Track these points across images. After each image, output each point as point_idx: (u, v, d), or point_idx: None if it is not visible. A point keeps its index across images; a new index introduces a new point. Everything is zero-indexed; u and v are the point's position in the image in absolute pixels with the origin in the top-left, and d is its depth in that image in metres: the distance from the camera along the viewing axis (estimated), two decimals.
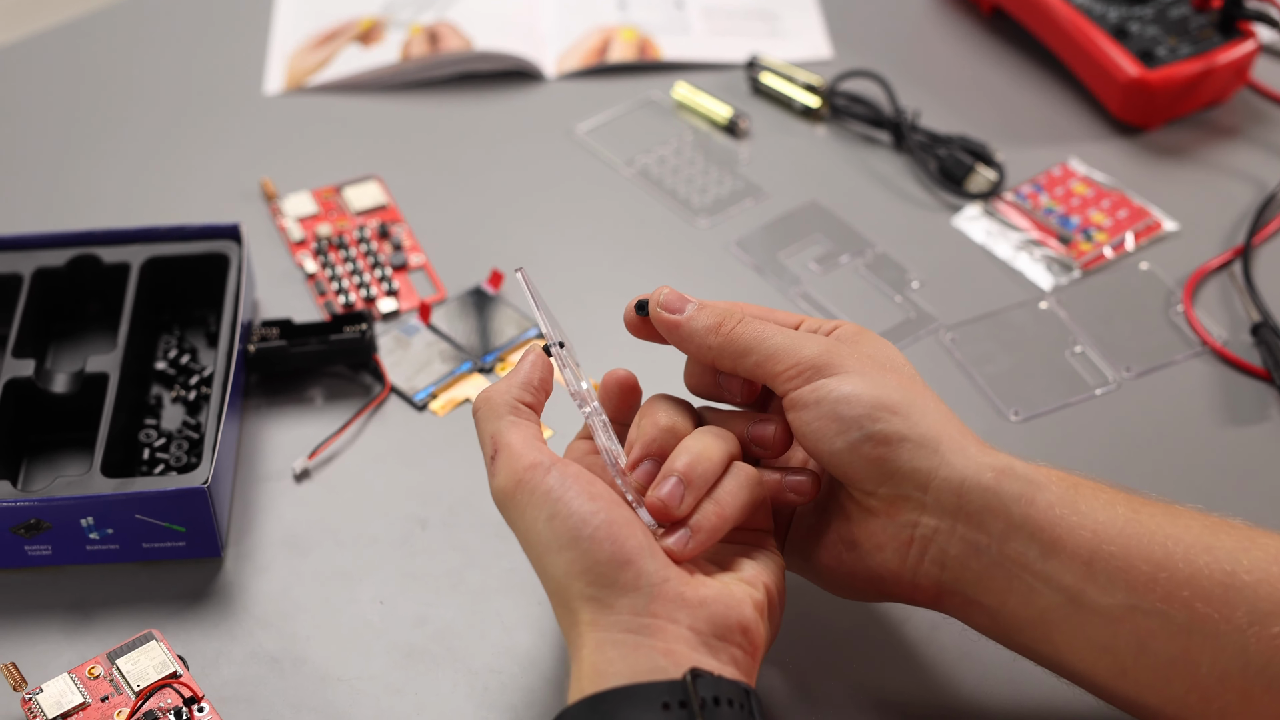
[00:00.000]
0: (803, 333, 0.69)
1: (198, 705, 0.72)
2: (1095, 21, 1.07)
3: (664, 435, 0.69)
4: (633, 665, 0.61)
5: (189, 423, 0.86)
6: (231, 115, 1.11)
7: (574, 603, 0.63)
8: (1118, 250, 0.98)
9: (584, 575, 0.62)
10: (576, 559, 0.62)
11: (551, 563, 0.63)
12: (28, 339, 0.87)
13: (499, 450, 0.66)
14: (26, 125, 1.10)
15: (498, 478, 0.66)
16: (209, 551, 0.80)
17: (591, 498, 0.63)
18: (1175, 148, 1.07)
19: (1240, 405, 0.89)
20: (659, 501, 0.66)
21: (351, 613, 0.78)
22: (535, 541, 0.64)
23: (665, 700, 0.59)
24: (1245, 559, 0.63)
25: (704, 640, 0.62)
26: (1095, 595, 0.63)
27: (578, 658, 0.62)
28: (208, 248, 0.90)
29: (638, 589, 0.62)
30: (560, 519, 0.63)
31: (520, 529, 0.65)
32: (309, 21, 1.19)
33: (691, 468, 0.66)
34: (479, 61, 1.14)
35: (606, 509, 0.63)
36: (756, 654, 0.65)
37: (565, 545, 0.63)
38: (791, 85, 1.10)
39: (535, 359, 0.71)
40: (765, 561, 0.68)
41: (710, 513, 0.66)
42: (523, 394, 0.69)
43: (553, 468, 0.64)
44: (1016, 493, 0.65)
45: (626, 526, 0.63)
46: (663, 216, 1.02)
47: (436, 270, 0.97)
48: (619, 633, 0.62)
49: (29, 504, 0.76)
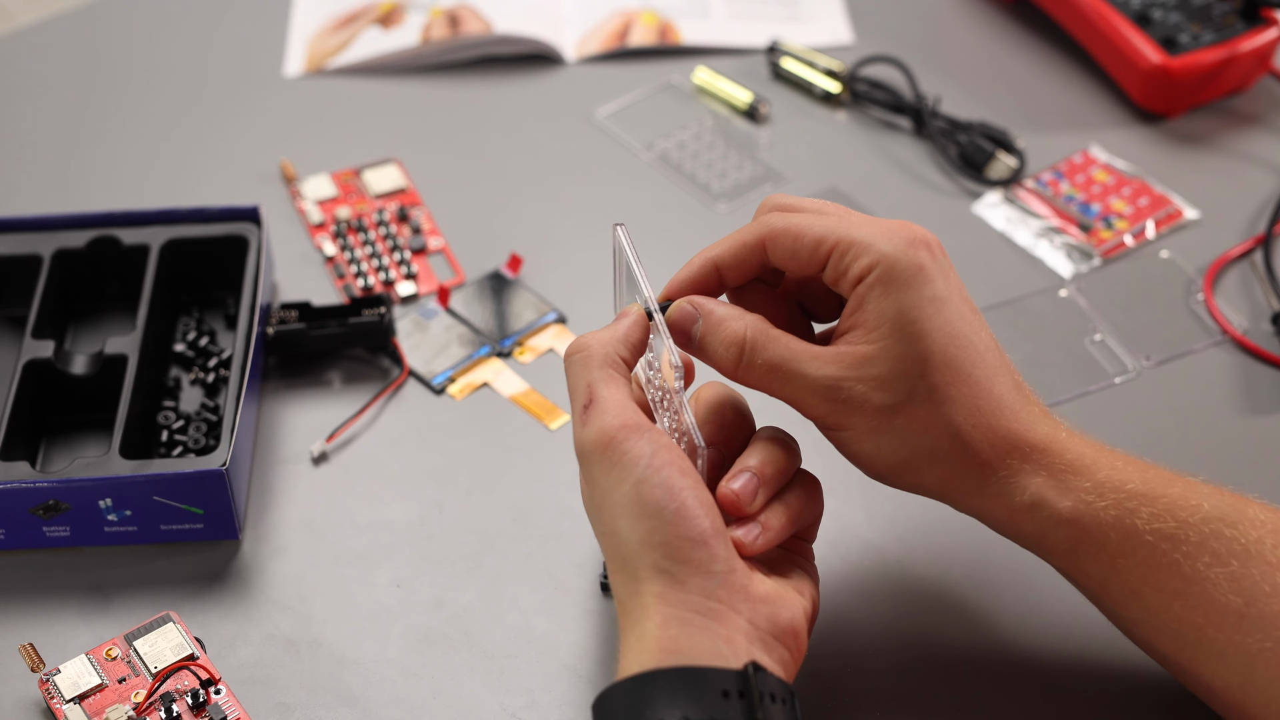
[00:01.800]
0: (820, 359, 0.67)
1: (214, 687, 0.72)
2: (1118, 8, 1.07)
3: (732, 424, 0.70)
4: (698, 646, 0.61)
5: (207, 405, 0.86)
6: (251, 97, 1.11)
7: (643, 572, 0.62)
8: (1138, 238, 0.98)
9: (661, 547, 0.62)
10: (657, 529, 0.62)
11: (628, 528, 0.63)
12: (47, 320, 0.87)
13: (594, 402, 0.65)
14: (48, 106, 1.10)
15: (588, 429, 0.64)
16: (227, 534, 0.80)
17: (681, 473, 0.63)
18: (1197, 135, 1.06)
19: (1260, 394, 0.88)
20: (732, 494, 0.66)
21: (368, 596, 0.78)
22: (614, 502, 0.63)
23: (726, 688, 0.59)
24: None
25: (760, 636, 0.63)
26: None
27: (639, 630, 0.62)
28: (227, 230, 0.90)
29: (710, 572, 0.62)
30: (649, 486, 0.62)
31: (600, 486, 0.64)
32: (329, 4, 1.19)
33: (766, 466, 0.67)
34: (499, 45, 1.14)
35: (694, 486, 0.63)
36: (799, 660, 0.65)
37: (649, 514, 0.62)
38: (812, 70, 1.10)
39: (638, 318, 0.69)
40: (811, 574, 0.69)
41: (780, 512, 0.67)
42: (621, 349, 0.67)
43: (647, 433, 0.64)
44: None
45: (708, 508, 0.63)
46: (682, 201, 1.02)
47: (455, 254, 0.97)
48: (687, 611, 0.61)
49: (48, 485, 0.77)
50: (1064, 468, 0.67)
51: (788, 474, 0.68)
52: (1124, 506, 0.66)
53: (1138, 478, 0.67)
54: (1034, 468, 0.67)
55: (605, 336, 0.68)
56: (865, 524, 0.81)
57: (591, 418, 0.65)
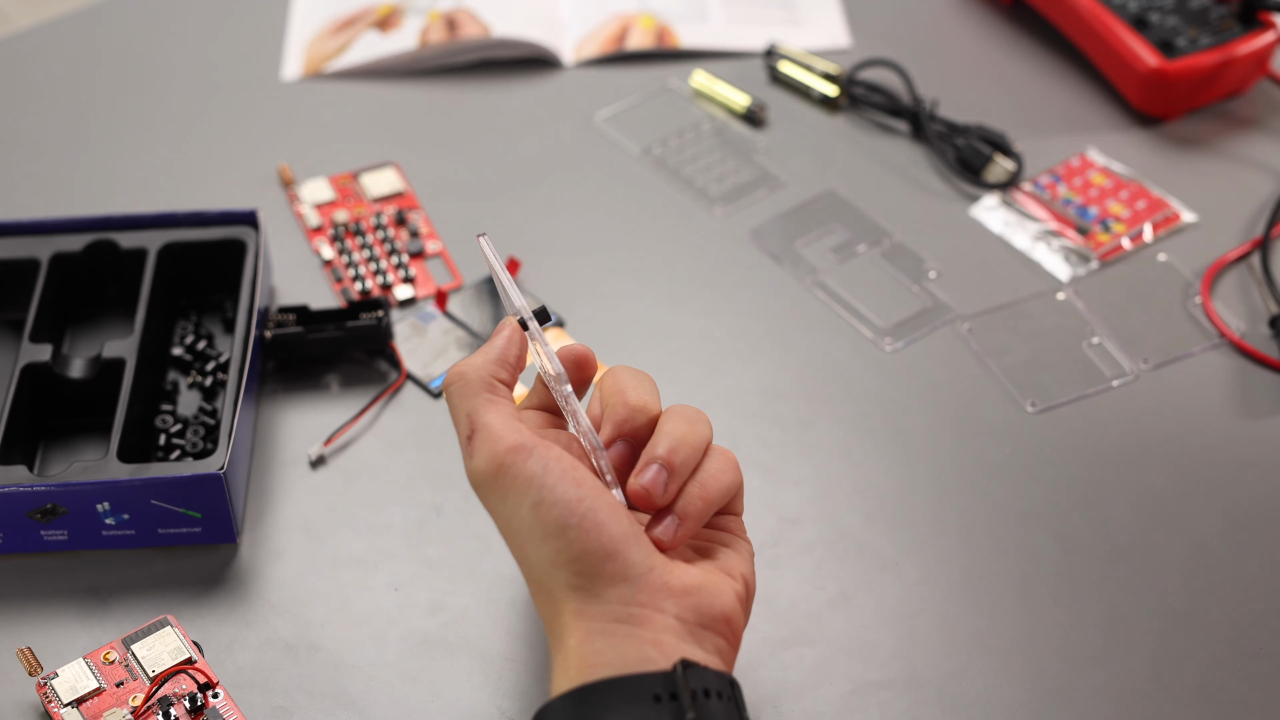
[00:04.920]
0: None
1: (212, 691, 0.72)
2: (1115, 11, 1.07)
3: (635, 414, 0.66)
4: (623, 655, 0.60)
5: (205, 408, 0.86)
6: (249, 101, 1.11)
7: (558, 592, 0.62)
8: (1136, 241, 0.98)
9: (571, 565, 0.61)
10: (563, 548, 0.61)
11: (535, 551, 0.62)
12: (45, 324, 0.87)
13: (476, 430, 0.64)
14: (45, 110, 1.10)
15: (476, 459, 0.64)
16: (224, 537, 0.80)
17: (576, 484, 0.62)
18: (1194, 139, 1.06)
19: (1258, 398, 0.88)
20: (641, 489, 0.64)
21: (366, 599, 0.78)
22: (518, 529, 0.63)
23: (656, 692, 0.59)
24: None
25: (690, 630, 0.62)
26: None
27: (562, 648, 0.61)
28: (225, 233, 0.90)
29: (625, 579, 0.61)
30: (546, 506, 0.61)
31: (501, 514, 0.63)
32: (327, 7, 1.19)
33: (674, 453, 0.64)
34: (497, 48, 1.14)
35: (592, 496, 0.62)
36: (737, 644, 0.64)
37: (551, 534, 0.61)
38: (810, 74, 1.10)
39: (511, 334, 0.68)
40: (740, 549, 0.67)
41: (695, 497, 0.65)
42: (498, 370, 0.66)
43: (535, 451, 0.63)
44: None
45: (612, 514, 0.62)
46: (679, 205, 1.02)
47: (453, 257, 0.97)
48: (607, 623, 0.61)
49: (45, 489, 0.77)
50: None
51: (699, 452, 0.66)
52: None
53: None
54: None
55: (479, 361, 0.67)
56: (863, 527, 0.81)
57: (476, 448, 0.64)
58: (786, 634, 0.76)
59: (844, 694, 0.73)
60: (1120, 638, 0.76)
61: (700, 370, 0.90)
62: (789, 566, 0.79)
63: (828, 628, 0.76)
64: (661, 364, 0.90)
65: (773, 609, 0.77)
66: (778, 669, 0.75)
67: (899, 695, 0.73)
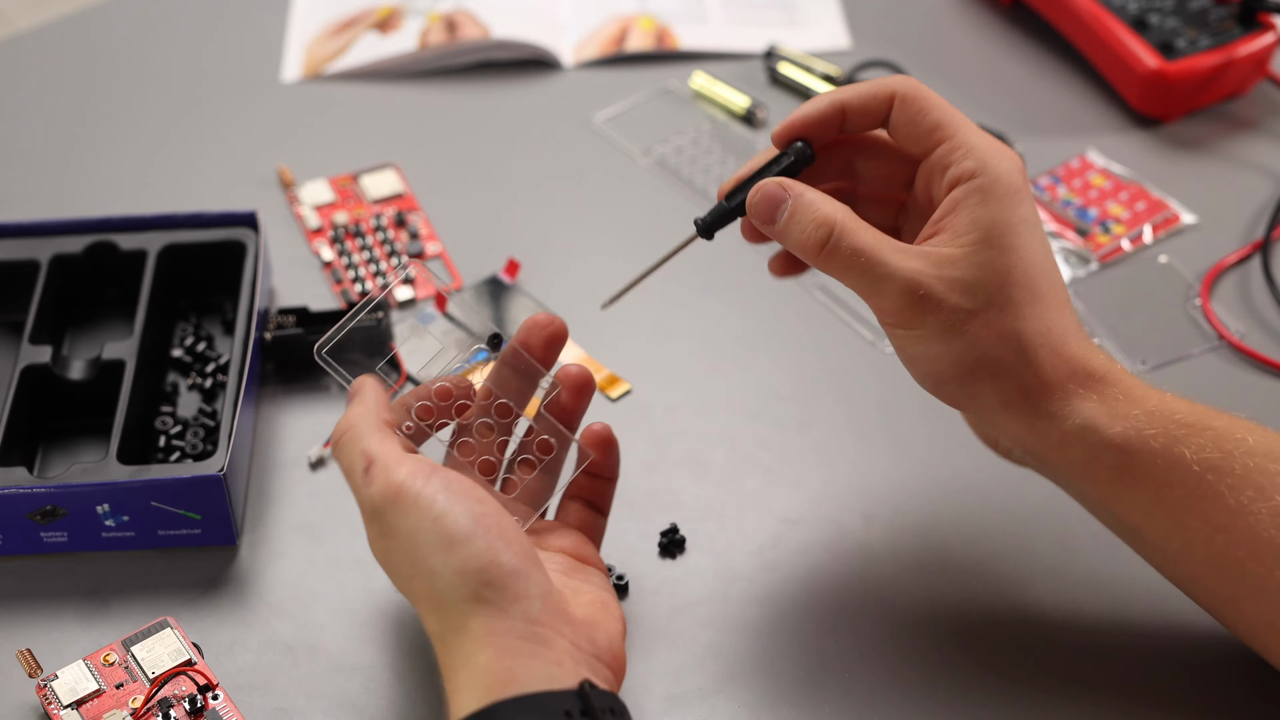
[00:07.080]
0: (905, 253, 0.67)
1: (212, 693, 0.72)
2: (1115, 13, 1.07)
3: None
4: (532, 674, 0.60)
5: (205, 410, 0.86)
6: (249, 103, 1.11)
7: (464, 605, 0.61)
8: (1135, 243, 0.98)
9: (479, 575, 0.61)
10: (471, 556, 0.61)
11: (441, 561, 0.62)
12: (45, 325, 0.87)
13: (374, 461, 0.64)
14: (45, 112, 1.10)
15: (373, 487, 0.64)
16: (224, 539, 0.80)
17: (479, 500, 0.63)
18: (1194, 140, 1.06)
19: (1257, 399, 0.88)
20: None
21: (366, 601, 0.78)
22: (420, 543, 0.62)
23: (568, 709, 0.59)
24: None
25: (585, 658, 0.63)
26: None
27: (470, 664, 0.61)
28: (225, 235, 0.90)
29: (530, 596, 0.62)
30: (452, 517, 0.62)
31: (401, 534, 0.63)
32: (327, 9, 1.19)
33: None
34: (497, 50, 1.14)
35: (495, 513, 0.63)
36: (621, 679, 0.65)
37: (460, 541, 0.61)
38: (809, 75, 1.10)
39: (374, 384, 0.70)
40: (611, 591, 0.70)
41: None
42: (383, 413, 0.68)
43: (435, 472, 0.63)
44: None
45: (516, 532, 0.63)
46: (679, 206, 1.02)
47: (453, 259, 0.97)
48: (516, 640, 0.61)
49: (45, 490, 0.77)
50: (1117, 396, 0.67)
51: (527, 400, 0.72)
52: (1172, 435, 0.66)
53: (1186, 409, 0.68)
54: (1088, 393, 0.67)
55: (360, 410, 0.68)
56: (863, 528, 0.81)
57: (375, 475, 0.64)
58: (787, 633, 0.76)
59: (844, 693, 0.73)
60: (1120, 637, 0.76)
61: (700, 371, 0.90)
62: (789, 567, 0.79)
63: (827, 628, 0.76)
64: (662, 365, 0.90)
65: (773, 609, 0.77)
66: (779, 668, 0.75)
67: (899, 695, 0.73)
